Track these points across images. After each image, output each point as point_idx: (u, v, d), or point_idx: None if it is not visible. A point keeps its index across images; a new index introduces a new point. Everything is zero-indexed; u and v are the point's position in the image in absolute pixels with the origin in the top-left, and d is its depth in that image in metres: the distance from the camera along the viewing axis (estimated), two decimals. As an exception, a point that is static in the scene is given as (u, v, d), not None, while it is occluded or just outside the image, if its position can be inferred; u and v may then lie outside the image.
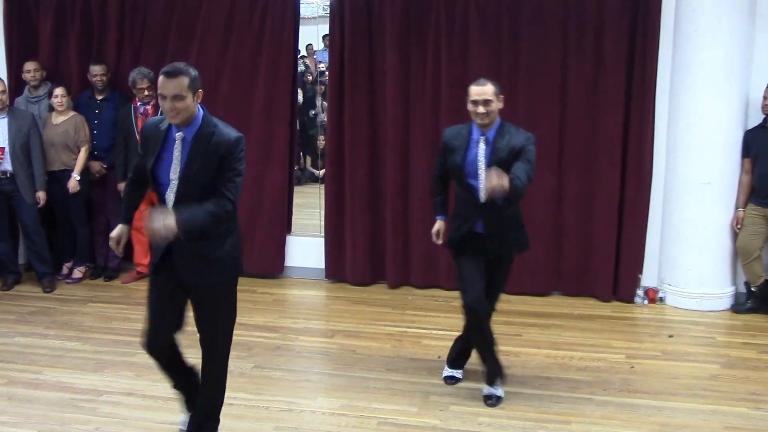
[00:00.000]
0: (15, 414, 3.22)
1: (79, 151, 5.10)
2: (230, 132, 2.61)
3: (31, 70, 5.20)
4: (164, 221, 2.39)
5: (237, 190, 2.57)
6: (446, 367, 3.60)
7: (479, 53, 4.87)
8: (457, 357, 3.59)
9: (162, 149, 2.59)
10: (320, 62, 7.64)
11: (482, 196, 3.13)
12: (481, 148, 3.17)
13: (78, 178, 5.04)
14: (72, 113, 5.12)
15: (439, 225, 3.47)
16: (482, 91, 3.13)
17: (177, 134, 2.57)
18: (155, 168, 2.61)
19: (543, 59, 4.81)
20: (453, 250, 3.33)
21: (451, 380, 3.55)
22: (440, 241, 3.46)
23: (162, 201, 2.64)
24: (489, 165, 3.11)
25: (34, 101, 5.25)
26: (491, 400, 3.33)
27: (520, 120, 4.87)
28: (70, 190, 5.03)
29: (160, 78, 2.51)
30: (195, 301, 2.77)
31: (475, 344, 3.40)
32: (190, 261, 2.62)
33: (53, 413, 3.23)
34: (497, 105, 3.17)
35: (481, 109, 3.13)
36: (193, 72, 2.55)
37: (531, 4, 4.78)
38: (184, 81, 2.49)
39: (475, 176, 3.17)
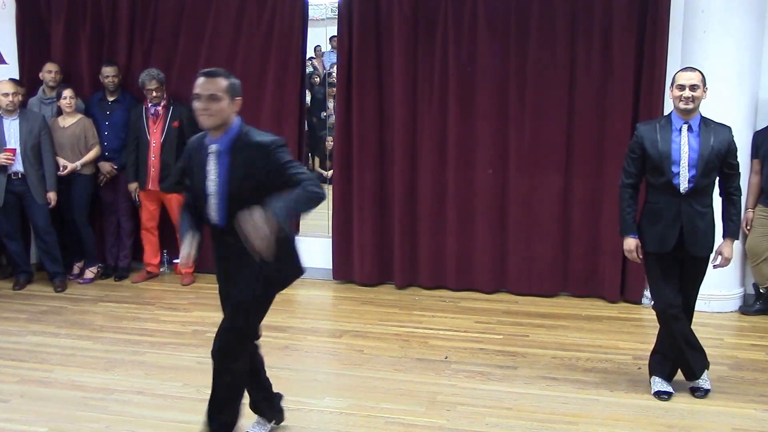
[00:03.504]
0: (27, 412, 3.26)
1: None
2: (265, 137, 2.53)
3: (52, 71, 5.26)
4: (259, 220, 2.24)
5: (309, 175, 2.48)
6: (662, 381, 3.45)
7: (487, 54, 4.88)
8: (671, 370, 3.47)
9: (201, 164, 2.55)
10: (333, 65, 7.66)
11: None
12: (685, 136, 3.19)
13: (78, 167, 5.06)
14: (79, 116, 5.17)
15: (635, 242, 3.31)
16: (690, 76, 3.17)
17: (211, 146, 2.51)
18: (203, 183, 2.54)
19: (551, 60, 4.81)
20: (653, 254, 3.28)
21: (666, 396, 3.40)
22: (641, 257, 3.34)
23: (207, 213, 2.58)
24: (699, 155, 3.16)
25: (48, 102, 5.31)
26: (699, 392, 3.38)
27: (527, 120, 4.90)
28: (58, 174, 5.05)
29: (199, 78, 2.47)
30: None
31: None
32: (239, 275, 2.60)
33: (64, 411, 3.26)
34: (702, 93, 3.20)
35: (687, 93, 3.15)
36: (234, 79, 2.51)
37: (539, 4, 4.79)
38: (222, 83, 2.45)
39: (678, 165, 3.18)
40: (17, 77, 5.42)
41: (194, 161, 2.58)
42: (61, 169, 5.06)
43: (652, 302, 3.41)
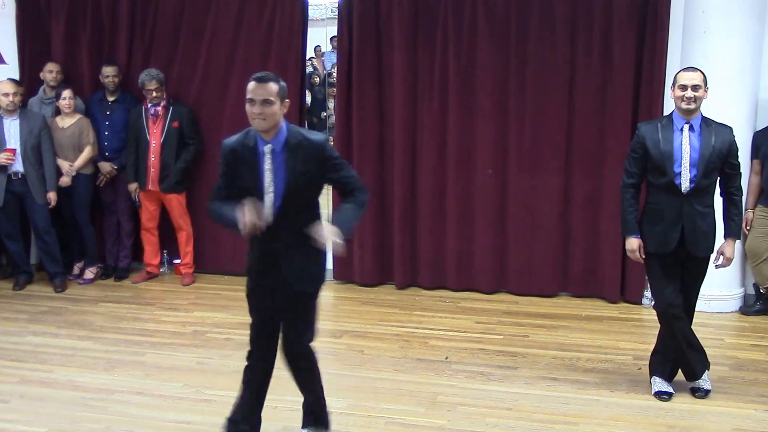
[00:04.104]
0: (27, 412, 3.26)
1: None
2: (315, 135, 2.71)
3: (53, 71, 5.26)
4: (330, 235, 2.50)
5: (358, 179, 2.75)
6: (662, 381, 3.45)
7: (487, 53, 4.88)
8: (671, 371, 3.48)
9: (251, 164, 2.62)
10: (333, 65, 7.67)
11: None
12: (686, 136, 3.19)
13: (73, 173, 5.07)
14: (78, 116, 5.17)
15: (638, 242, 3.31)
16: (692, 77, 3.17)
17: (266, 147, 2.61)
18: (258, 182, 2.62)
19: (551, 60, 4.81)
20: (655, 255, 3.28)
21: (667, 396, 3.41)
22: (643, 257, 3.34)
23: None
24: (700, 155, 3.16)
25: (48, 102, 5.30)
26: (700, 393, 3.38)
27: (527, 119, 4.90)
28: (60, 184, 5.06)
29: (251, 83, 2.55)
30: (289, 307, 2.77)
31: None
32: (297, 269, 2.68)
33: (64, 412, 3.26)
34: (703, 93, 3.21)
35: (689, 93, 3.15)
36: (282, 82, 2.62)
37: (539, 4, 4.79)
38: (274, 87, 2.55)
39: (679, 165, 3.18)
40: (17, 77, 5.42)
41: (242, 162, 2.64)
42: (64, 181, 5.07)
43: (653, 302, 3.41)
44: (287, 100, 2.63)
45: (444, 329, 4.36)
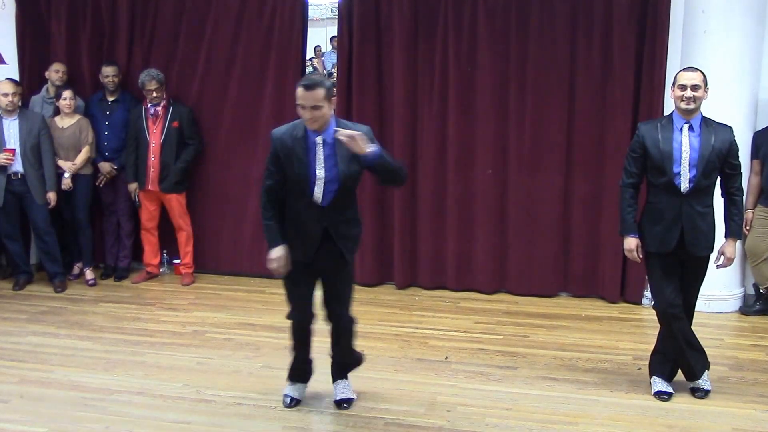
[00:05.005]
0: (27, 412, 3.26)
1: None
2: (360, 126, 2.97)
3: (59, 71, 5.26)
4: (362, 141, 2.76)
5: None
6: (662, 381, 3.45)
7: (487, 53, 4.88)
8: (671, 371, 3.48)
9: (303, 154, 2.88)
10: (333, 65, 7.68)
11: None
12: (686, 136, 3.19)
13: (67, 176, 5.06)
14: (78, 116, 5.17)
15: (636, 241, 3.32)
16: (692, 77, 3.18)
17: (317, 138, 2.87)
18: (310, 169, 2.88)
19: (551, 60, 4.81)
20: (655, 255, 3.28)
21: (667, 396, 3.41)
22: (641, 256, 3.34)
23: (310, 197, 2.91)
24: (699, 155, 3.17)
25: (50, 101, 5.31)
26: (700, 393, 3.39)
27: (527, 120, 4.90)
28: (63, 187, 5.06)
29: (300, 90, 2.79)
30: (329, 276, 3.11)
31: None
32: (342, 241, 3.00)
33: (64, 412, 3.26)
34: (703, 93, 3.21)
35: (689, 93, 3.15)
36: (328, 82, 2.85)
37: (539, 4, 4.79)
38: (321, 92, 2.78)
39: (679, 165, 3.19)
40: (17, 77, 5.42)
41: (294, 152, 2.89)
42: (66, 183, 5.06)
43: (653, 302, 3.41)
44: (334, 98, 2.89)
45: (444, 329, 4.36)
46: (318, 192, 2.90)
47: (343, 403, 3.26)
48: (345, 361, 3.32)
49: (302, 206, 2.95)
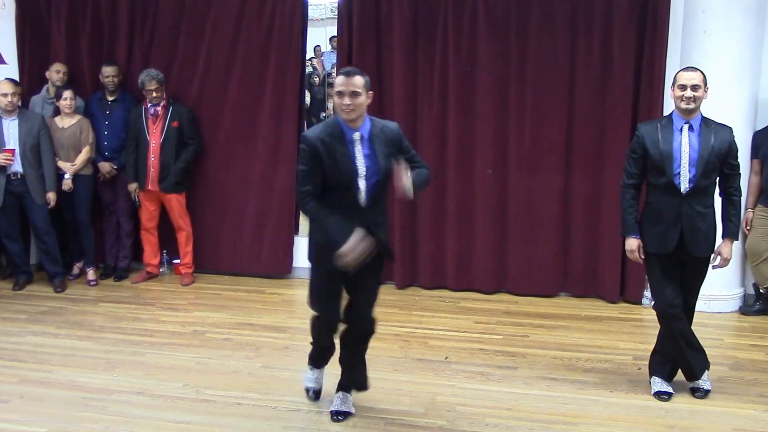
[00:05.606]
0: (26, 412, 3.26)
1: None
2: (390, 122, 3.02)
3: (60, 71, 5.26)
4: (406, 179, 2.78)
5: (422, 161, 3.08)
6: (662, 381, 3.45)
7: (487, 54, 4.88)
8: (671, 371, 3.48)
9: (341, 151, 2.85)
10: (333, 65, 7.68)
11: None
12: (686, 136, 3.20)
13: (68, 177, 5.06)
14: (78, 116, 5.17)
15: (637, 242, 3.31)
16: (692, 76, 3.18)
17: (355, 134, 2.87)
18: (351, 166, 2.86)
19: (551, 60, 4.81)
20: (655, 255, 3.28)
21: (667, 396, 3.41)
22: (642, 257, 3.34)
23: (354, 195, 2.88)
24: (699, 155, 3.18)
25: (50, 101, 5.31)
26: (700, 393, 3.39)
27: (527, 120, 4.90)
28: (64, 188, 5.05)
29: (339, 78, 2.82)
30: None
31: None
32: (380, 243, 2.95)
33: (64, 412, 3.26)
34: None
35: (689, 92, 3.16)
36: (366, 76, 2.89)
37: (539, 4, 4.79)
38: (360, 80, 2.82)
39: (679, 165, 3.19)
40: (17, 77, 5.42)
41: (332, 150, 2.84)
42: (67, 185, 5.06)
43: (653, 302, 3.41)
44: (371, 92, 2.90)
45: (444, 329, 4.36)
46: (362, 188, 2.87)
47: (338, 415, 3.17)
48: (357, 377, 3.24)
49: (343, 208, 2.88)
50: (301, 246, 5.44)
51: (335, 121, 2.91)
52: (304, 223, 5.55)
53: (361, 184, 2.87)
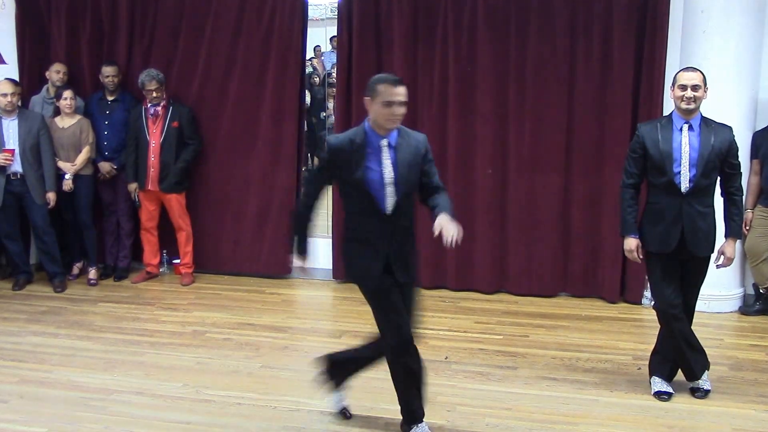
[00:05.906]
0: (26, 412, 3.26)
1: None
2: (417, 133, 2.96)
3: (60, 71, 5.27)
4: (452, 225, 2.82)
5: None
6: (662, 381, 3.45)
7: (487, 54, 4.88)
8: (671, 371, 3.48)
9: (366, 159, 2.80)
10: (333, 65, 7.68)
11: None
12: (686, 136, 3.20)
13: (68, 177, 5.06)
14: (78, 116, 5.17)
15: (636, 242, 3.32)
16: (692, 77, 3.18)
17: (382, 141, 2.81)
18: (366, 176, 2.81)
19: (551, 60, 4.81)
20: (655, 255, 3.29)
21: (667, 396, 3.41)
22: (641, 257, 3.35)
23: (378, 204, 2.84)
24: (699, 155, 3.18)
25: (50, 101, 5.31)
26: (700, 393, 3.38)
27: (527, 119, 4.90)
28: (64, 188, 5.06)
29: (388, 87, 2.73)
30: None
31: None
32: (404, 262, 3.01)
33: (64, 412, 3.26)
34: (703, 93, 3.22)
35: (689, 93, 3.16)
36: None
37: (539, 4, 4.79)
38: (405, 89, 2.77)
39: (679, 164, 3.19)
40: (17, 77, 5.42)
41: (355, 157, 2.80)
42: (68, 185, 5.06)
43: (653, 302, 3.41)
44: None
45: (444, 329, 4.36)
46: (390, 196, 2.84)
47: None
48: (412, 407, 3.05)
49: (370, 219, 2.89)
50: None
51: (361, 128, 2.85)
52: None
53: (389, 192, 2.83)
